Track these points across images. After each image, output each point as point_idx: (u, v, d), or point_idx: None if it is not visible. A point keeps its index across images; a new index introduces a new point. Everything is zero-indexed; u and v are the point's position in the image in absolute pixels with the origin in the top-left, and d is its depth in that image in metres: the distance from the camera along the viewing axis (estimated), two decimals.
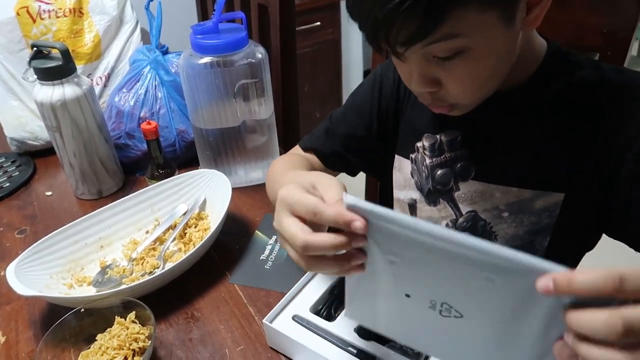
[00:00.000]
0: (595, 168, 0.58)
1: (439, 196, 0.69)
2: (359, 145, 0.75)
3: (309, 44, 2.30)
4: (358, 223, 0.38)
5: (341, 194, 0.42)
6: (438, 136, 0.67)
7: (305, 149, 0.78)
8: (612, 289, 0.30)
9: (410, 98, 0.71)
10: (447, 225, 0.69)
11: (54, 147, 0.88)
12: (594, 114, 0.57)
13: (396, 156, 0.74)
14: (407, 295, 0.41)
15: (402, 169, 0.73)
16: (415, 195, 0.72)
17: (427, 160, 0.69)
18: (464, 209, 0.67)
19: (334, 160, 0.77)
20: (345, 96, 2.56)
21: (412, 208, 0.73)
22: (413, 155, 0.71)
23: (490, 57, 0.51)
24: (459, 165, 0.66)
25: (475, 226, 0.67)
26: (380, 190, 0.83)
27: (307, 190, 0.44)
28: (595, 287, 0.30)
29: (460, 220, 0.68)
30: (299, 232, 0.41)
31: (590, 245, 0.67)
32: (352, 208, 0.38)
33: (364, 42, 2.63)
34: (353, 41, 2.47)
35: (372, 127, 0.74)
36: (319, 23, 2.27)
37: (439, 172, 0.68)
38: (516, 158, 0.61)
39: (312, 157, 0.77)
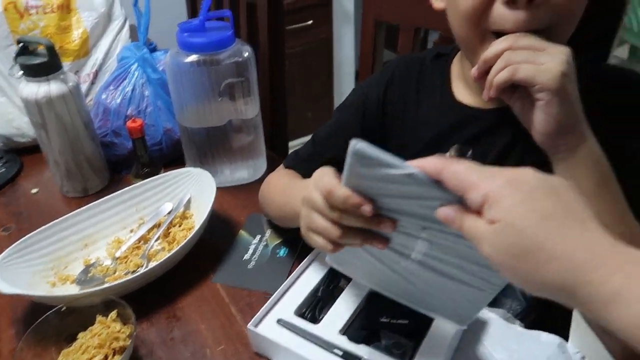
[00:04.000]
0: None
1: None
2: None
3: (300, 43, 2.30)
4: (366, 207, 0.42)
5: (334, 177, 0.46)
6: (448, 154, 0.66)
7: (287, 168, 0.78)
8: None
9: (407, 112, 0.70)
10: None
11: (39, 144, 0.88)
12: (597, 122, 0.56)
13: None
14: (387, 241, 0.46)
15: None
16: None
17: None
18: None
19: None
20: (336, 96, 2.56)
21: None
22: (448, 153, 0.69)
23: None
24: None
25: None
26: None
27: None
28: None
29: None
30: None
31: None
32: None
33: (356, 41, 2.62)
34: (345, 41, 2.47)
35: None
36: (310, 22, 2.26)
37: None
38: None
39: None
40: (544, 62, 0.48)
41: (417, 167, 0.38)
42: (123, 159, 0.96)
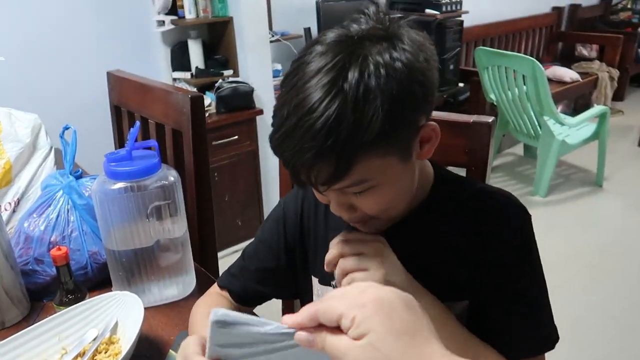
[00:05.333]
0: (483, 275, 0.67)
1: None
2: (271, 278, 0.81)
3: (228, 156, 2.41)
4: None
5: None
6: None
7: (220, 287, 0.84)
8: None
9: (318, 223, 0.78)
10: None
11: None
12: (472, 233, 0.68)
13: (319, 285, 0.79)
14: None
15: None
16: None
17: None
18: None
19: (246, 298, 0.83)
20: (265, 203, 2.64)
21: None
22: (334, 282, 0.76)
23: (395, 188, 0.61)
24: None
25: None
26: None
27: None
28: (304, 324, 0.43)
29: None
30: None
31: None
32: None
33: None
34: (270, 151, 2.61)
35: (280, 259, 0.80)
36: (236, 137, 2.40)
37: None
38: (423, 273, 0.68)
39: (227, 295, 0.83)
40: (368, 267, 0.63)
41: (293, 324, 0.43)
42: (44, 286, 0.94)
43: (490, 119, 0.78)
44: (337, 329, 0.42)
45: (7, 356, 0.74)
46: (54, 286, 0.91)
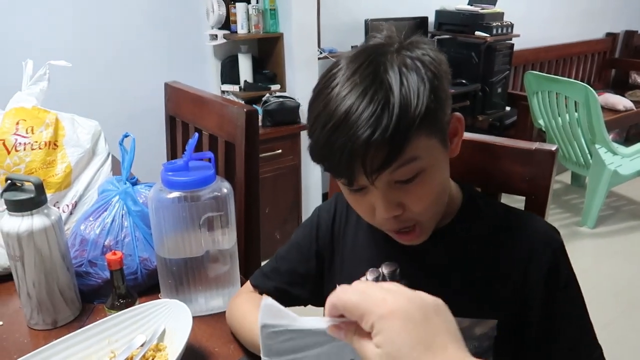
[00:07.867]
0: (515, 297, 0.68)
1: None
2: (301, 281, 0.83)
3: (271, 169, 2.43)
4: None
5: None
6: (380, 269, 0.74)
7: (253, 286, 0.87)
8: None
9: (347, 234, 0.79)
10: None
11: (12, 275, 0.88)
12: (504, 253, 0.69)
13: None
14: None
15: None
16: None
17: None
18: None
19: (277, 297, 0.82)
20: (304, 218, 2.65)
21: None
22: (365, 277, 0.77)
23: (438, 175, 0.63)
24: None
25: None
26: None
27: None
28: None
29: None
30: None
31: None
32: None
33: None
34: (312, 166, 2.63)
35: (310, 263, 0.82)
36: (280, 151, 2.43)
37: None
38: (451, 289, 0.68)
39: (258, 294, 0.85)
40: None
41: (329, 320, 0.45)
42: (96, 288, 0.96)
43: (554, 147, 0.76)
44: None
45: (60, 355, 0.75)
46: (105, 289, 0.94)
